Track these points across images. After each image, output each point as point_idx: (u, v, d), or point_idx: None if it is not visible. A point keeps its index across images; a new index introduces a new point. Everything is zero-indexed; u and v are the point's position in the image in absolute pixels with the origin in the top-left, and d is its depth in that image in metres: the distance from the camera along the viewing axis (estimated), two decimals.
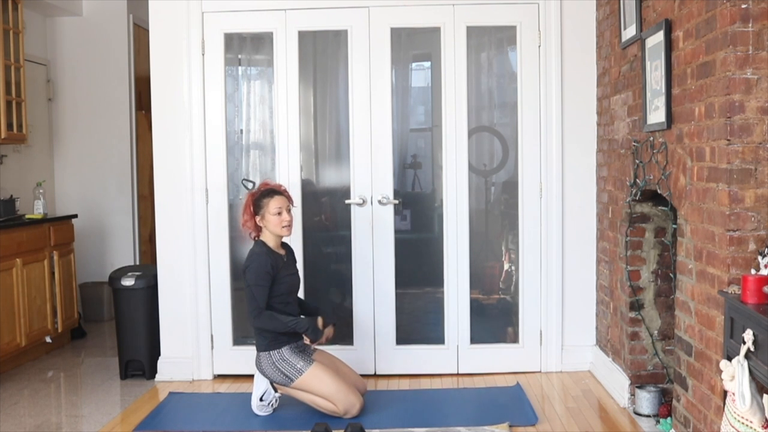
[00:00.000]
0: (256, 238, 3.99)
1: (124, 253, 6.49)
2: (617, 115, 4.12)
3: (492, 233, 4.90)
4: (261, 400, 3.94)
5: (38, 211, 5.52)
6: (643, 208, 3.91)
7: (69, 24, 6.35)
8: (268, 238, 3.96)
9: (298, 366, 3.83)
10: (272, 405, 3.96)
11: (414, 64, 4.99)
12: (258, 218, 3.93)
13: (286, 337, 3.88)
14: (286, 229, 3.94)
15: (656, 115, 3.42)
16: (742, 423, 2.41)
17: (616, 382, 4.11)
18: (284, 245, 4.09)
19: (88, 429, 3.84)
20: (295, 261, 4.15)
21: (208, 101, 4.59)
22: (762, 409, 2.37)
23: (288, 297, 3.96)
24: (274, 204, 3.91)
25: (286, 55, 4.58)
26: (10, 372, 4.88)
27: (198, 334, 4.65)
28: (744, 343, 2.41)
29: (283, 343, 3.86)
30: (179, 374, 4.66)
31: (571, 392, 4.26)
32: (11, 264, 4.89)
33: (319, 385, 3.82)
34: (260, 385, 3.95)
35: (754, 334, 2.37)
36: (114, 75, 6.42)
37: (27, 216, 5.33)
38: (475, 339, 4.65)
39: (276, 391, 3.94)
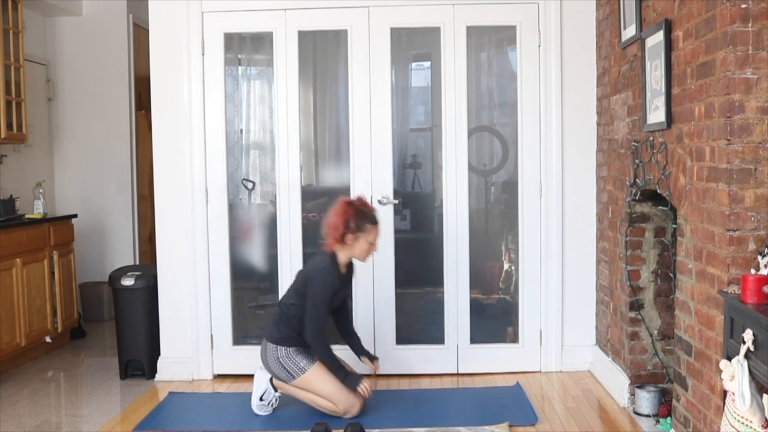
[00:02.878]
0: (330, 250, 3.85)
1: (124, 253, 6.49)
2: (617, 115, 4.12)
3: (492, 233, 4.91)
4: (261, 399, 3.94)
5: (38, 211, 5.52)
6: (642, 207, 3.91)
7: (69, 24, 6.36)
8: (342, 256, 3.85)
9: (301, 364, 3.83)
10: (272, 405, 3.96)
11: (414, 64, 4.99)
12: (351, 236, 3.79)
13: (300, 340, 3.87)
14: (368, 258, 3.89)
15: (656, 114, 3.42)
16: (742, 423, 2.41)
17: (616, 382, 4.11)
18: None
19: (88, 429, 3.84)
20: (351, 279, 4.05)
21: (208, 101, 4.59)
22: (762, 409, 2.38)
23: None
24: (375, 234, 3.83)
25: (286, 55, 4.58)
26: (10, 372, 4.88)
27: (198, 334, 4.65)
28: (744, 342, 2.41)
29: (294, 344, 3.86)
30: (179, 374, 4.66)
31: (571, 392, 4.26)
32: (11, 264, 4.88)
33: (320, 384, 3.82)
34: (260, 385, 3.95)
35: (753, 333, 2.37)
36: (114, 75, 6.42)
37: (27, 216, 5.33)
38: (475, 339, 4.65)
39: (276, 390, 3.94)
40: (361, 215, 3.80)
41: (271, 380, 3.94)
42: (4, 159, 5.64)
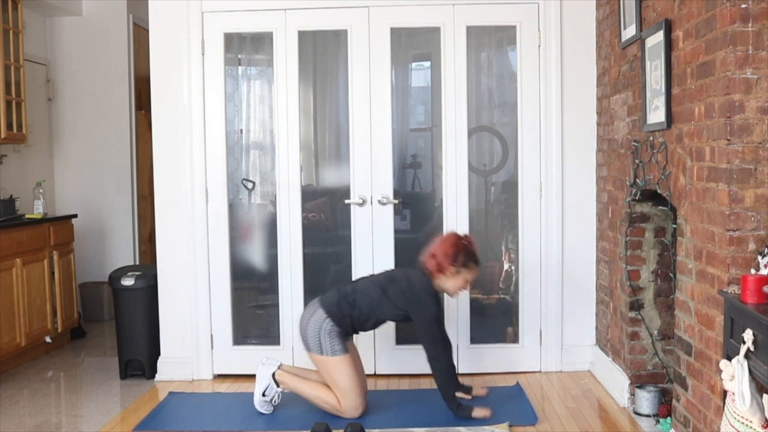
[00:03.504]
0: (431, 275, 3.85)
1: (124, 253, 6.49)
2: (617, 114, 4.12)
3: (492, 233, 4.90)
4: (263, 395, 3.94)
5: (38, 211, 5.52)
6: (642, 207, 3.91)
7: (69, 24, 6.36)
8: (437, 284, 3.87)
9: (336, 348, 3.81)
10: (274, 401, 3.96)
11: (414, 64, 4.99)
12: (453, 269, 3.81)
13: (348, 328, 3.86)
14: (456, 295, 3.96)
15: (656, 114, 3.42)
16: (742, 423, 2.41)
17: (615, 381, 4.11)
18: None
19: (88, 429, 3.84)
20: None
21: (208, 101, 4.59)
22: (762, 409, 2.38)
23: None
24: (473, 275, 3.89)
25: (286, 55, 4.58)
26: (10, 372, 4.89)
27: (198, 334, 4.65)
28: (744, 342, 2.41)
29: (342, 326, 3.82)
30: (179, 374, 4.66)
31: (571, 392, 4.26)
32: (11, 264, 4.89)
33: (338, 375, 3.81)
34: (262, 380, 3.94)
35: (753, 334, 2.37)
36: (114, 75, 6.42)
37: (27, 216, 5.33)
38: (475, 339, 4.65)
39: (278, 385, 3.94)
40: (469, 253, 3.86)
41: (273, 375, 3.94)
42: (4, 159, 5.64)
